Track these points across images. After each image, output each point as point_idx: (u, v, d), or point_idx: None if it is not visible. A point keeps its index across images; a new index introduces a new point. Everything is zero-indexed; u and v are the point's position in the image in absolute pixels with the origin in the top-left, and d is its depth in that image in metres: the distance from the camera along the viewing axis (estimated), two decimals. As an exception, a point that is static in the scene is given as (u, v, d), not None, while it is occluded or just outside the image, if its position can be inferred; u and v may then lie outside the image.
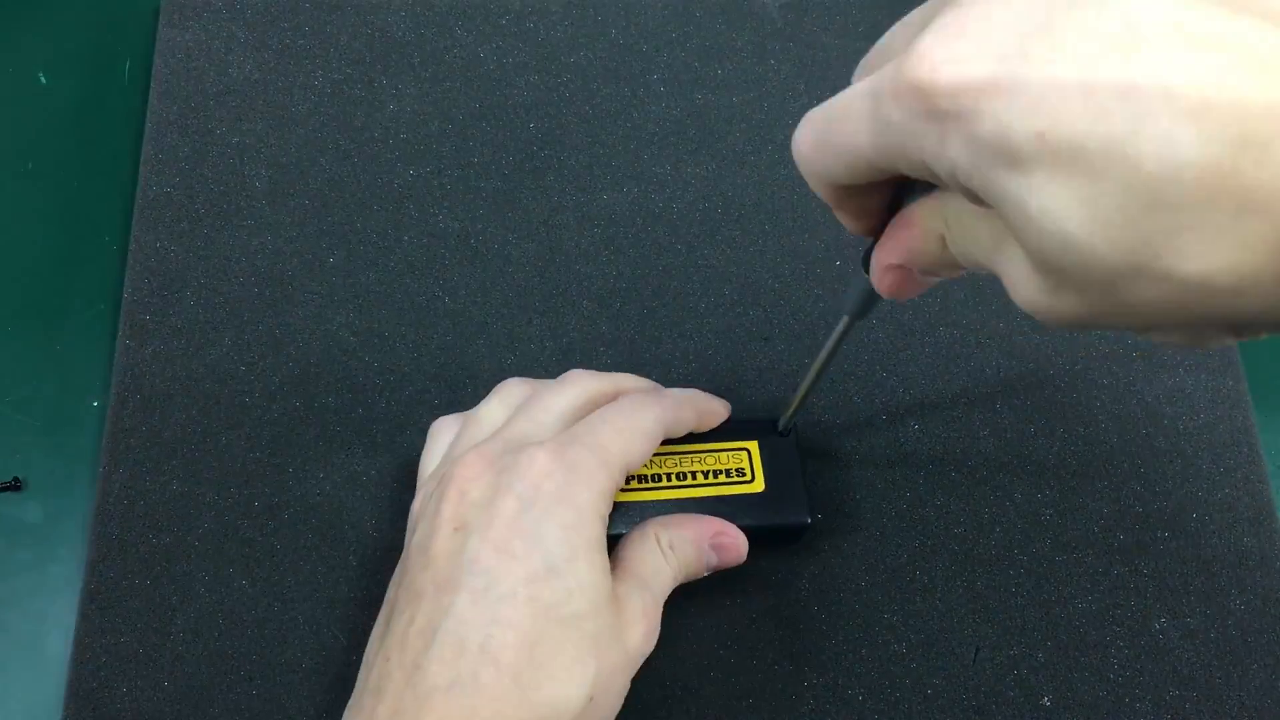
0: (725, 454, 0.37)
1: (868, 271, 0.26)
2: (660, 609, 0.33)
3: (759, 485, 0.37)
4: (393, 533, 0.39)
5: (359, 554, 0.39)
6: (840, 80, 0.23)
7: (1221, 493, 0.41)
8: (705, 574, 0.35)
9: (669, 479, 0.37)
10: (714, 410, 0.37)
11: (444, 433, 0.36)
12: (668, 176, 0.46)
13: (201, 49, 0.47)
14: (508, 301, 0.43)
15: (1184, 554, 0.40)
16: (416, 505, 0.34)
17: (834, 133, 0.22)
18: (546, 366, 0.42)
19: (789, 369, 0.42)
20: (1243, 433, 0.42)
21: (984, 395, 0.42)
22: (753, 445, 0.37)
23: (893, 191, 0.24)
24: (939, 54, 0.19)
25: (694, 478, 0.37)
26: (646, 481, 0.37)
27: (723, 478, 0.37)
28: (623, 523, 0.36)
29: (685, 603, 0.38)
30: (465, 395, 0.41)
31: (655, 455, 0.37)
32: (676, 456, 0.37)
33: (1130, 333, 0.33)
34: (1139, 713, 0.38)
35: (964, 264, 0.23)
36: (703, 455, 0.37)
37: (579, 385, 0.35)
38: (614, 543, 0.34)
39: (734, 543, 0.35)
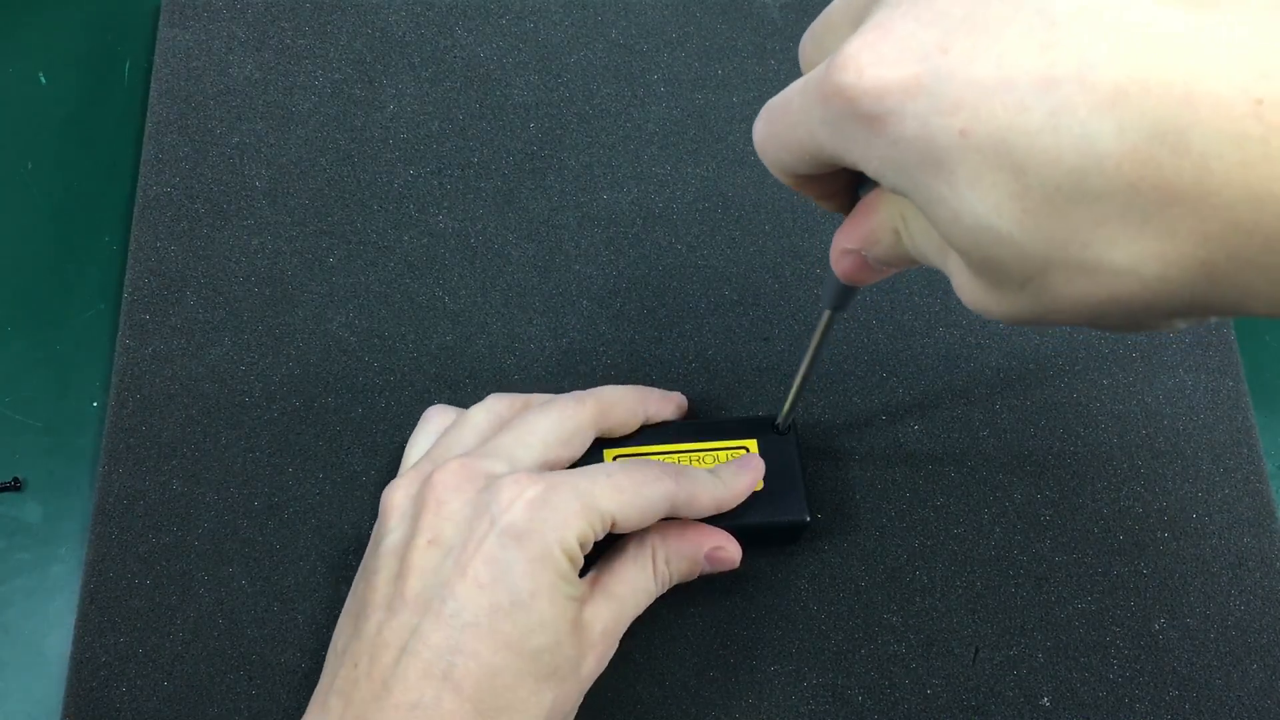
0: (724, 453, 0.37)
1: None
2: (623, 627, 0.33)
3: (758, 484, 0.37)
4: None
5: (359, 554, 0.39)
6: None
7: (1221, 493, 0.41)
8: (695, 578, 0.36)
9: (669, 479, 0.37)
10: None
11: (435, 421, 0.37)
12: (668, 176, 0.46)
13: (201, 49, 0.47)
14: (508, 301, 0.43)
15: (1184, 554, 0.40)
16: (396, 495, 0.33)
17: (782, 127, 0.22)
18: (546, 366, 0.42)
19: (789, 369, 0.42)
20: (1243, 433, 0.42)
21: (984, 395, 0.42)
22: (752, 444, 0.37)
23: (853, 175, 0.24)
24: (864, 56, 0.19)
25: (694, 477, 0.37)
26: (646, 481, 0.37)
27: (722, 477, 0.37)
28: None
29: (685, 603, 0.38)
30: (465, 395, 0.41)
31: (654, 456, 0.37)
32: (676, 455, 0.37)
33: (1079, 327, 0.33)
34: (1139, 713, 0.38)
35: (916, 259, 0.23)
36: (702, 454, 0.37)
37: (565, 412, 0.35)
38: (610, 542, 0.34)
39: (729, 555, 0.35)
